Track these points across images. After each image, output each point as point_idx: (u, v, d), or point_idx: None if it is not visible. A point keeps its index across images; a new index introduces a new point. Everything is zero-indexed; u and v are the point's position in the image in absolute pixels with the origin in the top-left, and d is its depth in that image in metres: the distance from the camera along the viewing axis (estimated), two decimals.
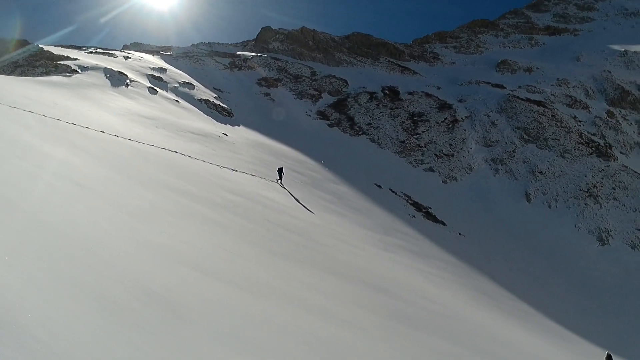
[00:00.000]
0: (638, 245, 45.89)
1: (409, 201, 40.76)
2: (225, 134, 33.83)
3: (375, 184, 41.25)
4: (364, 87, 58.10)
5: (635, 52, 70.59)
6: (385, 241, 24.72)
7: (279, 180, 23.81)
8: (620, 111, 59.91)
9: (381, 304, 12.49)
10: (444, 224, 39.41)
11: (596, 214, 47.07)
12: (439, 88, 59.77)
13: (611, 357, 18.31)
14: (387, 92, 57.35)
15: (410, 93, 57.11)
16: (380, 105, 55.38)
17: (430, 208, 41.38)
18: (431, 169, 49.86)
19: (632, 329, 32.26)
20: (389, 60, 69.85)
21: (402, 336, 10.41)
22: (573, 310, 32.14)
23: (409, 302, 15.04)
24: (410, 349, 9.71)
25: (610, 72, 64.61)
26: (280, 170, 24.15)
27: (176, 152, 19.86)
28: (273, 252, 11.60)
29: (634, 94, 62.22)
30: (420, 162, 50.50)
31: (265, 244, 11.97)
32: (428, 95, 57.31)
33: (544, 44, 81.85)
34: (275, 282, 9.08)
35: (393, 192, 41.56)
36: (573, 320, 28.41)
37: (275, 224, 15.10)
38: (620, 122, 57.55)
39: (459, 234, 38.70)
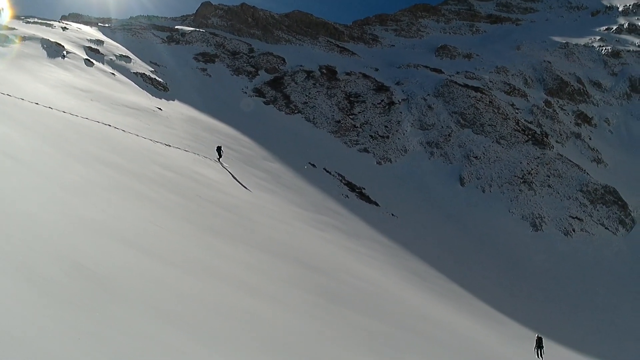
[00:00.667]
0: (571, 232, 49.44)
1: (343, 181, 42.60)
2: (159, 109, 34.80)
3: (310, 162, 42.87)
4: (301, 66, 59.79)
5: (576, 44, 75.08)
6: (317, 220, 25.71)
7: (218, 159, 24.83)
8: (558, 101, 63.81)
9: (312, 282, 13.09)
10: (377, 204, 41.12)
11: (530, 200, 50.04)
12: (376, 70, 61.77)
13: (541, 339, 19.96)
14: (324, 71, 59.36)
15: (347, 73, 59.34)
16: (317, 85, 57.16)
17: (364, 188, 43.23)
18: (366, 150, 51.85)
19: (562, 312, 34.99)
20: (328, 40, 70.99)
21: (332, 314, 10.97)
22: (505, 293, 34.52)
23: (340, 280, 15.67)
24: (341, 327, 10.27)
25: (550, 62, 68.63)
26: (219, 149, 25.15)
27: (110, 125, 20.54)
28: (206, 229, 12.14)
29: (572, 85, 66.39)
30: (355, 142, 52.43)
31: (198, 221, 12.55)
32: (365, 76, 59.71)
33: (485, 31, 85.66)
34: (207, 259, 9.53)
35: (327, 171, 43.29)
36: (504, 303, 30.39)
37: (209, 201, 15.78)
38: (557, 111, 61.36)
39: (392, 214, 40.47)
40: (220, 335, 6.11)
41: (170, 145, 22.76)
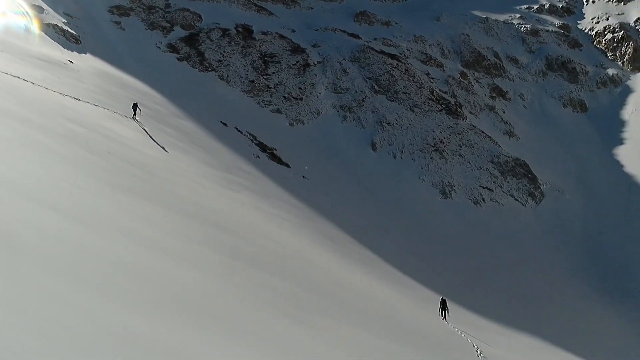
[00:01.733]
0: (480, 201, 54.85)
1: (254, 141, 46.61)
2: (71, 61, 37.12)
3: (221, 121, 46.42)
4: (217, 23, 63.77)
5: (496, 20, 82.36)
6: (229, 179, 28.23)
7: (134, 116, 26.70)
8: (474, 74, 70.35)
9: (227, 244, 14.42)
10: (288, 166, 45.44)
11: (441, 169, 55.44)
12: (293, 31, 66.84)
13: (445, 301, 23.46)
14: (240, 30, 63.80)
15: (264, 33, 64.65)
16: (232, 43, 61.50)
17: (276, 149, 47.36)
18: (279, 111, 56.83)
19: (469, 277, 39.57)
20: None
21: (247, 276, 12.04)
22: (414, 258, 38.41)
23: (255, 242, 17.26)
24: (256, 289, 11.26)
25: (468, 35, 75.49)
26: (135, 106, 27.07)
27: (19, 77, 21.78)
28: (115, 186, 13.02)
29: (489, 60, 73.30)
30: (268, 103, 57.33)
31: (107, 177, 13.47)
32: (282, 37, 65.26)
33: (405, 0, 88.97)
34: (116, 217, 10.19)
35: (239, 131, 47.15)
36: (413, 268, 33.92)
37: (118, 157, 16.90)
38: (472, 84, 67.86)
39: (303, 177, 44.75)
40: (135, 297, 6.50)
41: (80, 100, 24.17)
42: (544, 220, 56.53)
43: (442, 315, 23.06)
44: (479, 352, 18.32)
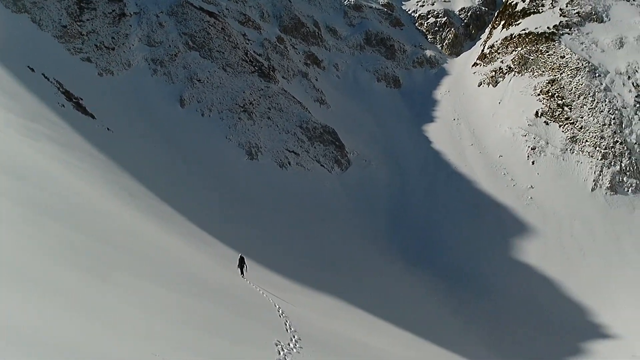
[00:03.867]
0: (286, 164, 64.43)
1: (61, 89, 50.64)
2: None
3: (29, 66, 49.79)
4: None
5: None
6: (31, 128, 30.17)
7: None
8: (291, 39, 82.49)
9: (22, 193, 15.60)
10: (93, 117, 50.32)
11: (248, 130, 64.40)
12: None
13: (243, 258, 27.07)
14: None
15: None
16: None
17: (82, 99, 52.09)
18: (89, 59, 61.89)
19: (273, 239, 46.75)
20: None
21: (39, 226, 13.37)
22: (218, 217, 44.06)
23: (50, 192, 18.64)
24: (48, 240, 12.61)
25: (290, 1, 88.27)
26: None
27: None
28: None
29: (308, 27, 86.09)
30: (79, 50, 62.00)
31: None
32: None
33: None
34: None
35: (45, 77, 50.89)
36: (216, 227, 38.87)
37: None
38: (288, 49, 79.47)
39: (108, 129, 49.96)
40: None
41: None
42: (350, 187, 65.95)
43: (241, 273, 26.37)
44: (280, 311, 19.84)
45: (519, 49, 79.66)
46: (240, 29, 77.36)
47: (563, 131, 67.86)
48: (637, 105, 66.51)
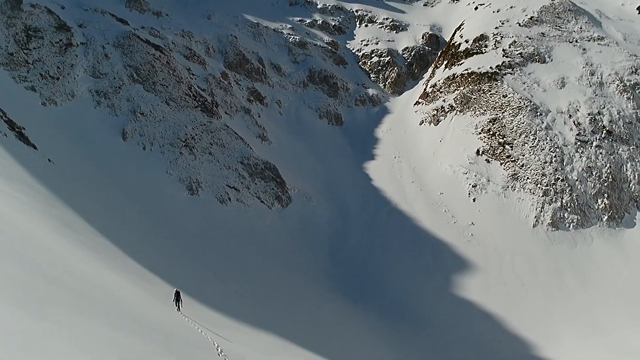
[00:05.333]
0: (227, 200, 64.83)
1: (4, 117, 50.73)
2: None
3: None
4: None
5: (267, 27, 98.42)
6: None
7: None
8: (235, 75, 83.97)
9: None
10: (35, 147, 50.29)
11: (189, 165, 65.06)
12: (63, 8, 74.06)
13: (179, 293, 27.44)
14: None
15: (33, 5, 68.76)
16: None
17: (24, 128, 52.22)
18: (33, 88, 62.78)
19: (211, 274, 46.77)
20: None
21: None
22: (157, 252, 44.30)
23: None
24: None
25: (236, 37, 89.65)
26: None
27: None
28: None
29: (252, 64, 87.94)
30: (24, 79, 63.02)
31: None
32: (50, 12, 70.36)
33: None
34: None
35: None
36: (155, 262, 39.05)
37: None
38: (232, 85, 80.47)
39: (49, 160, 49.66)
40: None
41: None
42: (290, 224, 66.67)
43: (176, 306, 26.82)
44: (219, 350, 19.83)
45: (462, 88, 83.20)
46: (185, 63, 78.91)
47: (504, 169, 70.89)
48: (578, 143, 70.59)
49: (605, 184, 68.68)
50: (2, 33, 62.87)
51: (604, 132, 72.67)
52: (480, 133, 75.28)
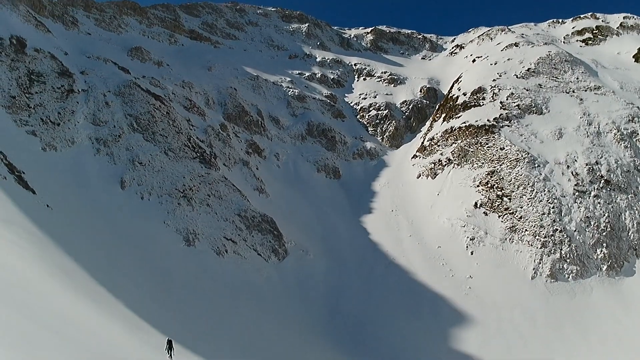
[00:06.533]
0: (223, 252, 65.11)
1: (4, 161, 51.68)
2: None
3: None
4: None
5: (266, 80, 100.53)
6: None
7: None
8: (234, 127, 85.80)
9: None
10: (34, 192, 51.05)
11: (187, 216, 65.61)
12: (66, 54, 76.94)
13: (171, 341, 28.01)
14: (14, 42, 69.91)
15: (37, 50, 71.18)
16: (3, 54, 67.70)
17: (24, 172, 53.19)
18: (34, 133, 63.93)
19: (206, 326, 46.64)
20: (28, 11, 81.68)
21: None
22: (152, 302, 44.76)
23: None
24: None
25: (236, 90, 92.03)
26: None
27: None
28: None
29: (251, 116, 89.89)
30: (25, 123, 64.24)
31: None
32: (53, 57, 72.71)
33: (182, 44, 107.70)
34: None
35: None
36: (150, 311, 39.54)
37: None
38: (231, 136, 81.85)
39: (47, 205, 50.46)
40: None
41: None
42: (286, 277, 66.36)
43: (168, 355, 27.35)
44: None
45: (459, 141, 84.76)
46: (185, 114, 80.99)
47: (502, 221, 71.61)
48: (576, 193, 71.69)
49: (604, 234, 69.27)
50: (5, 76, 64.48)
51: (602, 181, 73.77)
52: (478, 186, 76.44)
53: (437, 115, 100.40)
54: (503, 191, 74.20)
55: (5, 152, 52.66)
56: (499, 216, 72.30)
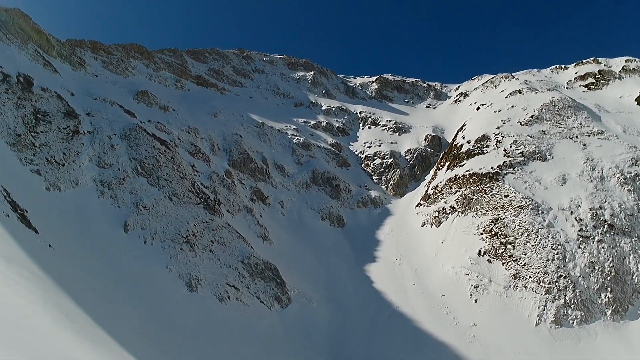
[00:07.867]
0: (226, 298, 65.66)
1: (7, 198, 52.74)
2: None
3: None
4: (1, 67, 71.32)
5: (272, 127, 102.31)
6: None
7: None
8: (239, 174, 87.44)
9: None
10: (36, 231, 52.41)
11: (190, 261, 66.36)
12: (72, 94, 79.22)
13: None
14: (22, 80, 72.13)
15: (43, 89, 73.15)
16: (10, 92, 69.42)
17: (27, 211, 54.12)
18: (38, 172, 64.92)
19: None
20: (36, 50, 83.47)
21: None
22: (153, 348, 44.16)
23: None
24: None
25: (241, 136, 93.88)
26: None
27: None
28: None
29: (256, 163, 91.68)
30: (30, 161, 65.40)
31: None
32: (60, 97, 74.67)
33: (189, 90, 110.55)
34: None
35: None
36: (150, 356, 40.06)
37: None
38: (235, 183, 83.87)
39: (49, 245, 51.77)
40: None
41: None
42: (289, 325, 66.66)
43: None
44: None
45: (463, 189, 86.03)
46: (189, 159, 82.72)
47: (506, 268, 72.27)
48: (580, 238, 72.31)
49: (608, 278, 69.54)
50: (11, 113, 65.80)
51: (606, 225, 74.51)
52: (482, 233, 77.34)
53: (442, 163, 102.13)
54: (507, 238, 75.06)
55: (9, 190, 53.95)
56: (503, 263, 72.95)
